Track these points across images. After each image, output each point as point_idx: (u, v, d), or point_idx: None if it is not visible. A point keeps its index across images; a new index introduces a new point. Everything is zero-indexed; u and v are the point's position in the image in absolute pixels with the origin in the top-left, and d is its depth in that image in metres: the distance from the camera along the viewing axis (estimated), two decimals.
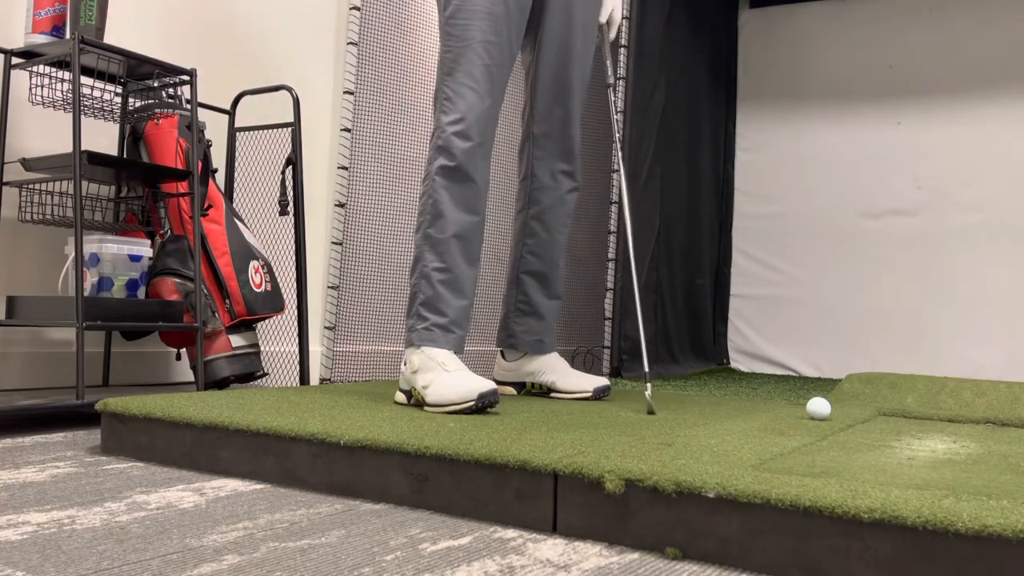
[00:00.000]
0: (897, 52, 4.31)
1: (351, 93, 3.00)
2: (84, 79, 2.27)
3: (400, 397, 1.85)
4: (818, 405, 1.80)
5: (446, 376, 1.74)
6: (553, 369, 2.12)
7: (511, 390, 2.17)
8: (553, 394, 2.11)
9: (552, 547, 1.08)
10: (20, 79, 2.24)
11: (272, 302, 2.43)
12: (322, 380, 2.92)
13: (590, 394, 2.06)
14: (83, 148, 2.17)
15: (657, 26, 3.81)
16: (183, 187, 2.30)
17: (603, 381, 2.08)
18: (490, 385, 1.69)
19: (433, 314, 1.85)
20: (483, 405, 1.68)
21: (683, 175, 4.17)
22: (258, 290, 2.39)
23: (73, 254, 2.07)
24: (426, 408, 1.74)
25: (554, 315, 2.16)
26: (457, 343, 1.86)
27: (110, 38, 2.42)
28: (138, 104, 2.37)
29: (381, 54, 3.19)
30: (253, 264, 2.40)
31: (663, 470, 1.10)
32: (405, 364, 1.85)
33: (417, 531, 1.13)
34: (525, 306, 2.13)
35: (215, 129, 2.70)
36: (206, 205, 2.35)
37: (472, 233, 1.88)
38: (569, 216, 2.14)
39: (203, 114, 2.64)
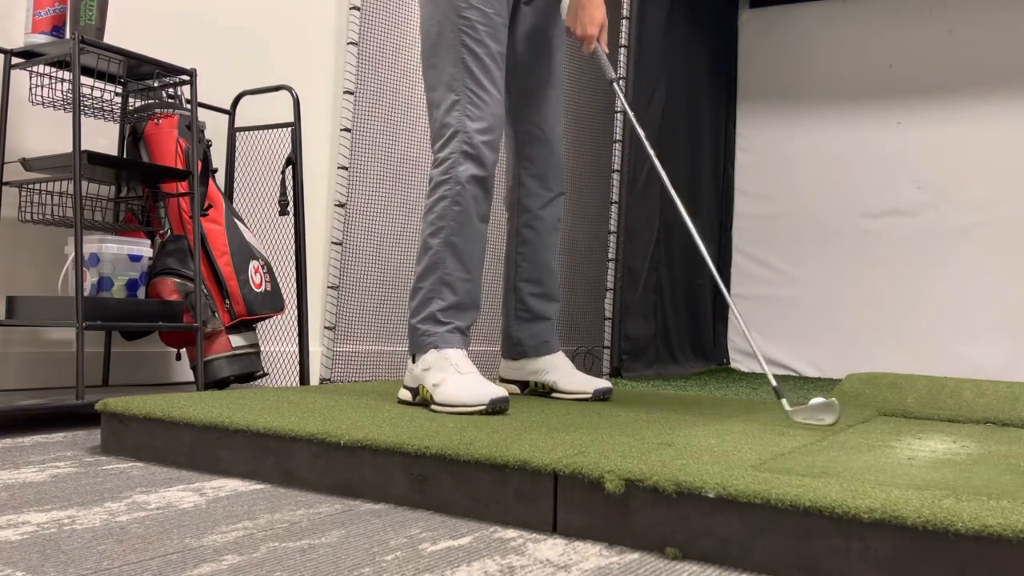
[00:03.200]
0: (897, 52, 4.31)
1: (351, 93, 3.00)
2: (84, 79, 2.27)
3: (405, 394, 1.85)
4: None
5: (458, 378, 1.74)
6: (556, 369, 2.12)
7: (515, 388, 2.17)
8: (554, 394, 2.11)
9: (552, 547, 1.08)
10: (20, 79, 2.24)
11: (272, 302, 2.43)
12: (322, 380, 2.92)
13: (590, 395, 2.06)
14: (83, 148, 2.17)
15: (657, 26, 3.81)
16: (183, 187, 2.30)
17: (604, 383, 2.09)
18: (502, 392, 1.69)
19: (455, 319, 1.86)
20: (493, 411, 1.67)
21: (683, 175, 4.17)
22: (258, 290, 2.39)
23: (73, 254, 2.07)
24: (432, 407, 1.73)
25: (555, 315, 2.17)
26: (467, 344, 1.89)
27: (110, 38, 2.42)
28: (138, 104, 2.37)
29: (381, 54, 3.19)
30: (253, 264, 2.40)
31: (663, 470, 1.10)
32: (414, 361, 1.85)
33: (417, 531, 1.13)
34: (525, 313, 2.14)
35: (215, 129, 2.70)
36: (206, 205, 2.35)
37: (485, 241, 1.92)
38: (559, 219, 2.17)
39: (203, 114, 2.64)
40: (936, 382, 2.28)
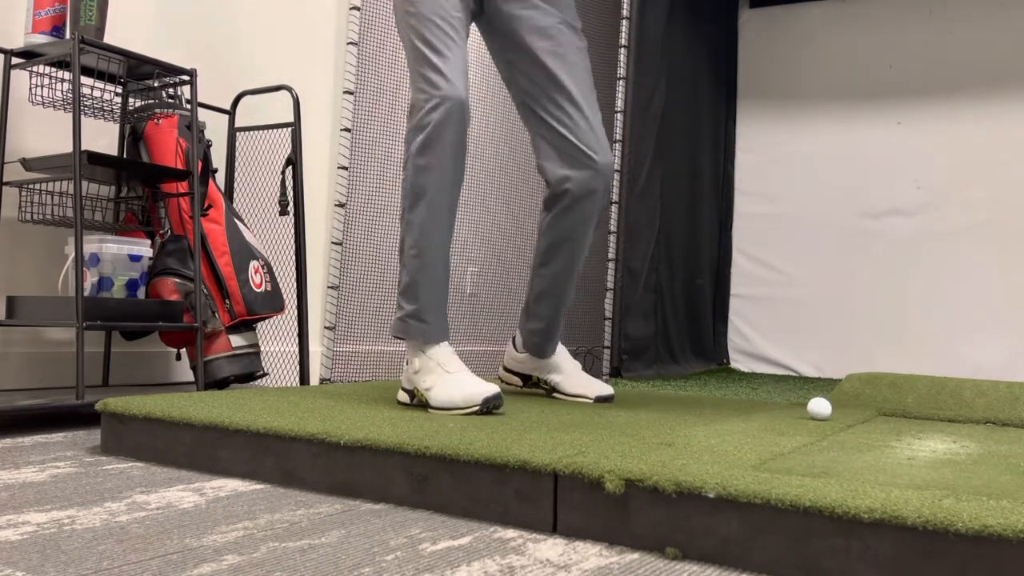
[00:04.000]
0: (897, 52, 4.31)
1: (351, 93, 3.00)
2: (84, 79, 2.28)
3: (403, 396, 1.85)
4: (819, 405, 1.80)
5: (448, 378, 1.73)
6: (559, 369, 2.11)
7: (517, 380, 2.16)
8: (555, 394, 2.11)
9: (552, 547, 1.08)
10: (20, 79, 2.24)
11: (272, 302, 2.43)
12: (322, 380, 2.92)
13: (591, 401, 2.05)
14: (83, 148, 2.17)
15: (657, 26, 3.81)
16: (183, 187, 2.30)
17: (607, 389, 2.07)
18: (494, 389, 1.69)
19: (407, 303, 1.81)
20: (487, 410, 1.68)
21: (683, 175, 4.17)
22: (258, 290, 2.39)
23: (73, 254, 2.07)
24: (430, 410, 1.74)
25: (556, 321, 2.11)
26: (437, 333, 1.82)
27: (110, 38, 2.42)
28: (138, 104, 2.37)
29: (381, 54, 3.19)
30: (253, 264, 2.40)
31: (663, 470, 1.10)
32: (407, 363, 1.84)
33: (417, 531, 1.13)
34: (536, 307, 2.10)
35: (215, 129, 2.70)
36: (206, 205, 2.35)
37: (442, 211, 1.81)
38: (593, 216, 2.00)
39: (203, 114, 2.64)
40: (936, 382, 2.28)
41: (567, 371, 2.11)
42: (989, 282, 4.03)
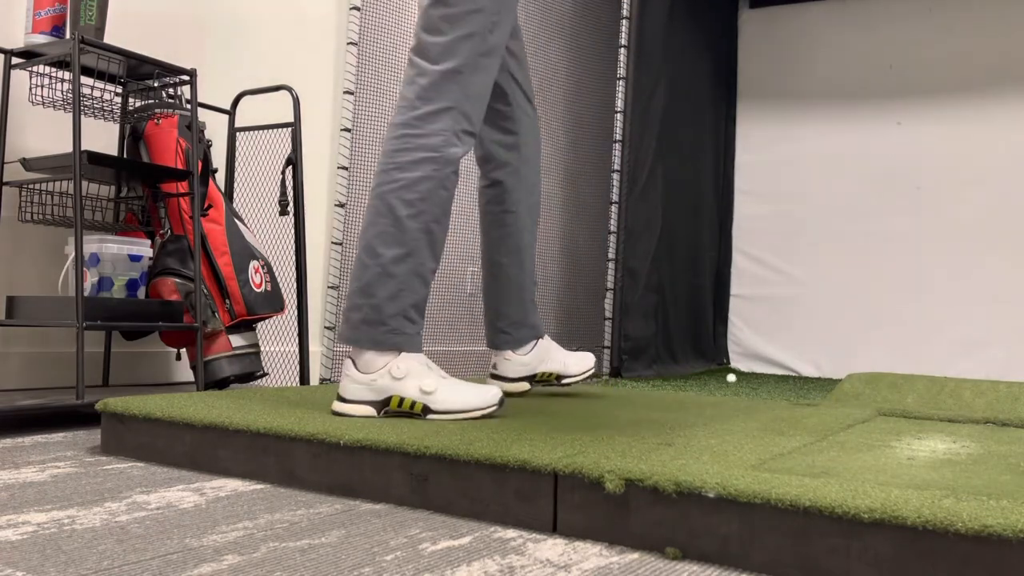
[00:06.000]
0: (897, 52, 4.31)
1: (351, 93, 3.00)
2: (84, 79, 2.28)
3: (361, 409, 1.59)
4: None
5: (451, 382, 1.61)
6: (550, 352, 2.09)
7: (525, 385, 2.08)
8: (564, 380, 2.09)
9: (552, 547, 1.08)
10: (20, 79, 2.24)
11: (272, 302, 2.43)
12: (322, 380, 2.92)
13: (592, 369, 2.12)
14: (83, 148, 2.17)
15: (657, 26, 3.81)
16: (183, 187, 2.30)
17: (590, 355, 2.15)
18: (499, 390, 1.64)
19: (421, 318, 1.68)
20: (500, 410, 1.67)
21: (683, 175, 4.17)
22: (258, 290, 2.39)
23: (73, 254, 2.07)
24: (430, 417, 1.58)
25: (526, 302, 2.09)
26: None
27: (110, 38, 2.42)
28: (138, 104, 2.37)
29: (381, 54, 3.19)
30: (253, 264, 2.40)
31: (663, 470, 1.10)
32: (366, 368, 1.61)
33: (417, 531, 1.13)
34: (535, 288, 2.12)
35: (215, 129, 2.70)
36: (206, 205, 2.35)
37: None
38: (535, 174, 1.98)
39: (203, 114, 2.64)
40: (936, 382, 2.28)
41: (555, 351, 2.09)
42: (989, 282, 4.03)
